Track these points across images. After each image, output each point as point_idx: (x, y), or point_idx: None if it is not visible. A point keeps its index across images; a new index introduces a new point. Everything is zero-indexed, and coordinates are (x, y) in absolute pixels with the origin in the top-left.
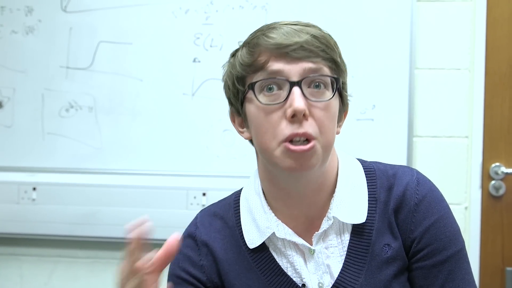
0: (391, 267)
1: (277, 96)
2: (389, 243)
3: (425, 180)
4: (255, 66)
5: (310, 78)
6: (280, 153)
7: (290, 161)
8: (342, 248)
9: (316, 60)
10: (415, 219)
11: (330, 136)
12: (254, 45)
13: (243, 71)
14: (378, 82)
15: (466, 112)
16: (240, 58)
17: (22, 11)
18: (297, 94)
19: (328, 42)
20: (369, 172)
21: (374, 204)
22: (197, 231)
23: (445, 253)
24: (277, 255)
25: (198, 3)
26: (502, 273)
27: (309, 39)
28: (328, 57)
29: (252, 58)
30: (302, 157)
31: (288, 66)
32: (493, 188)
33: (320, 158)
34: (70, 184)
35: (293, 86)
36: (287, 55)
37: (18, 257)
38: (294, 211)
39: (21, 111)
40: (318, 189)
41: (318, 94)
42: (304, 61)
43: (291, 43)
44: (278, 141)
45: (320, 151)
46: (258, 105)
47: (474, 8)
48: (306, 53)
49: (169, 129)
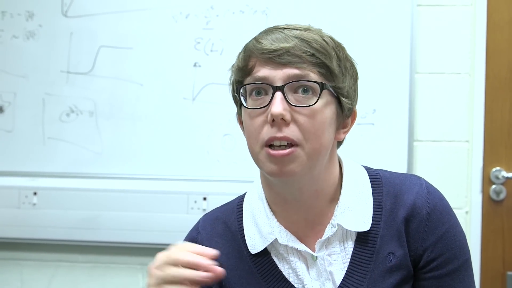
0: (395, 276)
1: (263, 101)
2: (394, 251)
3: (434, 190)
4: (245, 71)
5: (294, 83)
6: (262, 157)
7: (271, 165)
8: (345, 255)
9: (301, 66)
10: (427, 228)
11: (317, 143)
12: (246, 50)
13: (237, 76)
14: (379, 86)
15: (467, 116)
16: (236, 61)
17: (23, 16)
18: (277, 99)
19: (321, 46)
20: (375, 180)
21: (379, 212)
22: (198, 236)
23: (457, 262)
24: (279, 260)
25: (198, 7)
26: (503, 278)
27: (297, 44)
28: (317, 62)
29: (244, 63)
30: (281, 162)
31: (273, 72)
32: (493, 192)
33: (303, 165)
34: (71, 188)
35: (276, 91)
36: (272, 60)
37: (19, 262)
38: (292, 215)
39: (22, 115)
40: (315, 195)
41: (305, 99)
42: (289, 67)
43: (277, 49)
44: (260, 144)
45: (303, 158)
46: (245, 109)
47: (474, 12)
48: (291, 59)
49: (169, 133)
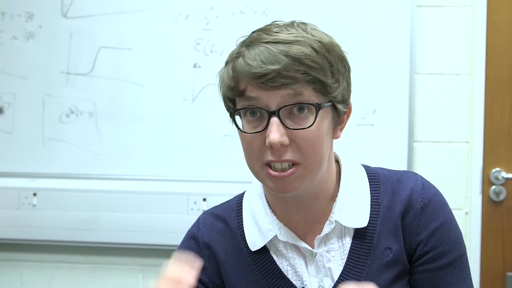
0: (391, 271)
1: (259, 123)
2: (391, 246)
3: (429, 185)
4: (236, 92)
5: (288, 106)
6: (263, 176)
7: (272, 184)
8: (343, 251)
9: (295, 86)
10: (421, 222)
11: (316, 158)
12: (233, 69)
13: (227, 93)
14: (379, 87)
15: (467, 117)
16: (225, 76)
17: (23, 17)
18: (274, 126)
19: (314, 61)
20: (372, 177)
21: (376, 208)
22: (199, 232)
23: (450, 257)
24: (278, 257)
25: (198, 8)
26: (502, 278)
27: (287, 63)
28: (311, 79)
29: (233, 83)
30: (282, 182)
31: (266, 94)
32: (493, 193)
33: (304, 181)
34: (71, 189)
35: (271, 116)
36: (264, 84)
37: (19, 263)
38: (293, 216)
39: (22, 116)
40: (315, 197)
41: (301, 118)
42: (282, 89)
43: (267, 72)
44: (261, 164)
45: (304, 174)
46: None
47: (474, 13)
48: (284, 80)
49: (169, 134)
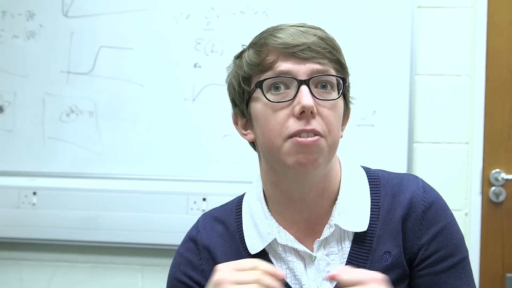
0: (390, 275)
1: (285, 95)
2: (390, 250)
3: (430, 188)
4: (263, 66)
5: (317, 78)
6: (287, 148)
7: (297, 155)
8: (342, 255)
9: (322, 61)
10: (422, 226)
11: (336, 135)
12: (261, 45)
13: (250, 71)
14: (379, 87)
15: (467, 118)
16: (247, 58)
17: (24, 16)
18: (305, 92)
19: (334, 44)
20: (373, 180)
21: (377, 212)
22: (198, 235)
23: (452, 260)
24: (277, 261)
25: (199, 8)
26: (502, 280)
27: (316, 40)
28: (334, 59)
29: (259, 58)
30: (308, 150)
31: (296, 66)
32: (493, 194)
33: (325, 157)
34: (71, 188)
35: (301, 84)
36: (295, 55)
37: (18, 262)
38: (295, 215)
39: (22, 115)
40: (321, 194)
41: (325, 94)
42: (311, 62)
43: (299, 43)
44: (285, 136)
45: (326, 149)
46: (266, 102)
47: (474, 14)
48: (313, 54)
49: (169, 134)
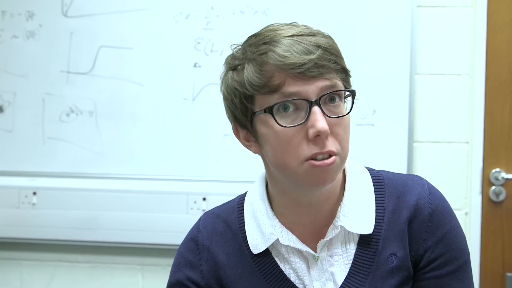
0: (396, 277)
1: (296, 116)
2: (395, 252)
3: (436, 190)
4: (269, 88)
5: (327, 95)
6: (304, 171)
7: (314, 177)
8: (347, 257)
9: (330, 76)
10: (429, 229)
11: (347, 148)
12: (263, 63)
13: (254, 91)
14: (379, 87)
15: (467, 117)
16: (248, 76)
17: (23, 16)
18: (318, 115)
19: (336, 50)
20: (377, 181)
21: (382, 213)
22: (199, 234)
23: (456, 263)
24: (280, 261)
25: (198, 8)
26: (502, 279)
27: (320, 54)
28: (339, 68)
29: (264, 79)
30: (325, 172)
31: (305, 87)
32: (493, 193)
33: (339, 172)
34: (71, 188)
35: (313, 106)
36: (302, 74)
37: (18, 262)
38: (302, 218)
39: (22, 115)
40: (327, 197)
41: (334, 108)
42: (320, 79)
43: (305, 62)
44: (301, 160)
45: (340, 165)
46: (277, 127)
47: (474, 13)
48: (320, 70)
49: (169, 134)
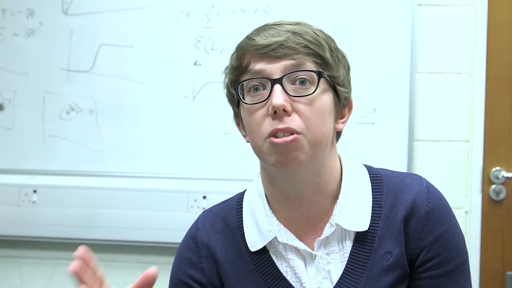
0: (391, 275)
1: (262, 96)
2: (391, 250)
3: (434, 189)
4: (241, 69)
5: (292, 74)
6: (266, 149)
7: (276, 155)
8: (343, 254)
9: (297, 56)
10: (425, 228)
11: (318, 131)
12: (239, 49)
13: (232, 75)
14: (379, 85)
15: (467, 116)
16: (230, 63)
17: (23, 14)
18: (277, 91)
19: (314, 38)
20: (375, 179)
21: (378, 211)
22: (198, 233)
23: (453, 263)
24: (277, 258)
25: (199, 6)
26: (502, 278)
27: (289, 36)
28: (312, 52)
29: (238, 61)
30: (285, 150)
31: (269, 65)
32: (493, 192)
33: (307, 153)
34: (71, 186)
35: (274, 83)
36: (267, 55)
37: (18, 260)
38: (294, 213)
39: (22, 113)
40: (316, 190)
41: (303, 90)
42: (285, 59)
43: (270, 43)
44: (263, 137)
45: (306, 146)
46: (244, 105)
47: (475, 12)
48: (286, 51)
49: (169, 132)
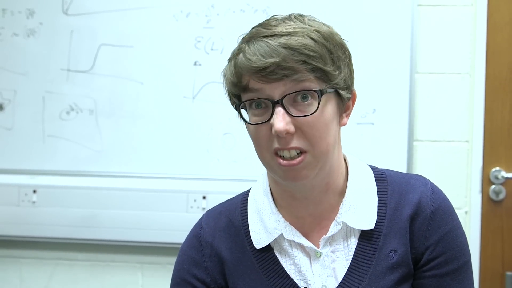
0: (395, 273)
1: (264, 113)
2: (396, 248)
3: (438, 190)
4: (240, 87)
5: (292, 94)
6: (274, 164)
7: (283, 173)
8: (348, 252)
9: (296, 76)
10: (430, 227)
11: (323, 145)
12: (235, 65)
13: (232, 89)
14: (379, 86)
15: (467, 116)
16: (228, 74)
17: (24, 14)
18: (278, 115)
19: (313, 50)
20: (380, 178)
21: (383, 209)
22: (201, 231)
23: (457, 263)
24: (282, 256)
25: (199, 6)
26: (502, 278)
27: (286, 55)
28: (311, 68)
29: (236, 79)
30: (292, 170)
31: (268, 85)
32: (493, 192)
33: (314, 168)
34: (71, 186)
35: (275, 105)
36: (265, 77)
37: (18, 260)
38: (300, 211)
39: (22, 113)
40: (325, 189)
41: (305, 106)
42: (284, 80)
43: (267, 65)
44: (270, 152)
45: (312, 162)
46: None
47: (474, 12)
48: (285, 72)
49: (169, 132)
